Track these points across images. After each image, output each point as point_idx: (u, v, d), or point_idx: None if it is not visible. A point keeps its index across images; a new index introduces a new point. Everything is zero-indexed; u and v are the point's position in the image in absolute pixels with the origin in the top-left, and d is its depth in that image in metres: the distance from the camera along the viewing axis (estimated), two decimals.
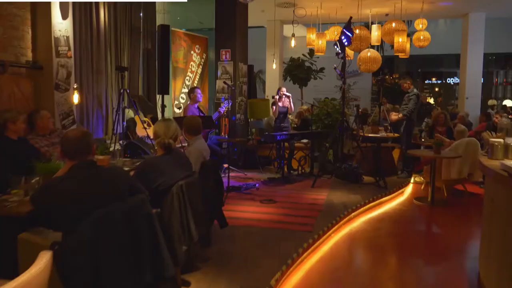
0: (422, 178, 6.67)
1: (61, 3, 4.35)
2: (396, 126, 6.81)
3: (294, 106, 7.16)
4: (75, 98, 4.53)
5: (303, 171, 6.77)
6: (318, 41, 8.95)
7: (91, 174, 2.02)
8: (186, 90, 6.55)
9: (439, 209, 5.36)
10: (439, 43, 13.31)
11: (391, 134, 6.43)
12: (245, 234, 3.88)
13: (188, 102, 5.83)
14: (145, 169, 2.73)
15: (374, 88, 16.85)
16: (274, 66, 9.37)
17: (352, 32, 5.61)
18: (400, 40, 7.90)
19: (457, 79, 18.31)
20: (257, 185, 5.87)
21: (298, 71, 12.43)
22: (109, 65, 5.90)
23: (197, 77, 7.21)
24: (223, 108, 5.89)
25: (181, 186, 2.72)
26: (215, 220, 3.53)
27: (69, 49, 4.54)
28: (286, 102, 6.89)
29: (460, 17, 10.87)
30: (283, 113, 6.89)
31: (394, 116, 6.51)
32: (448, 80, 18.91)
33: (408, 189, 6.35)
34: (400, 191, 5.99)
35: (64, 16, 4.44)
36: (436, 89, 19.34)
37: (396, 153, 7.19)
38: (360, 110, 6.66)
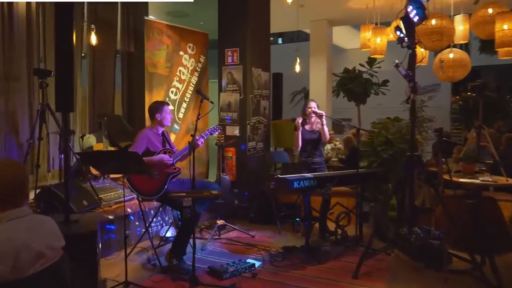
0: None
1: None
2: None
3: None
4: None
5: (344, 235, 4.15)
6: (375, 39, 6.40)
7: None
8: (171, 107, 4.26)
9: None
10: None
11: (502, 179, 3.63)
12: None
13: (148, 126, 3.61)
14: None
15: (454, 106, 13.50)
16: (297, 68, 6.88)
17: None
18: (506, 27, 5.09)
19: None
20: (256, 265, 3.42)
21: (353, 84, 9.86)
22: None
23: (190, 88, 5.01)
24: (203, 138, 3.47)
25: None
26: None
27: None
28: (317, 125, 4.34)
29: None
30: (312, 142, 4.33)
31: None
32: None
33: None
34: None
35: None
36: None
37: (506, 209, 4.29)
38: (443, 136, 3.94)
